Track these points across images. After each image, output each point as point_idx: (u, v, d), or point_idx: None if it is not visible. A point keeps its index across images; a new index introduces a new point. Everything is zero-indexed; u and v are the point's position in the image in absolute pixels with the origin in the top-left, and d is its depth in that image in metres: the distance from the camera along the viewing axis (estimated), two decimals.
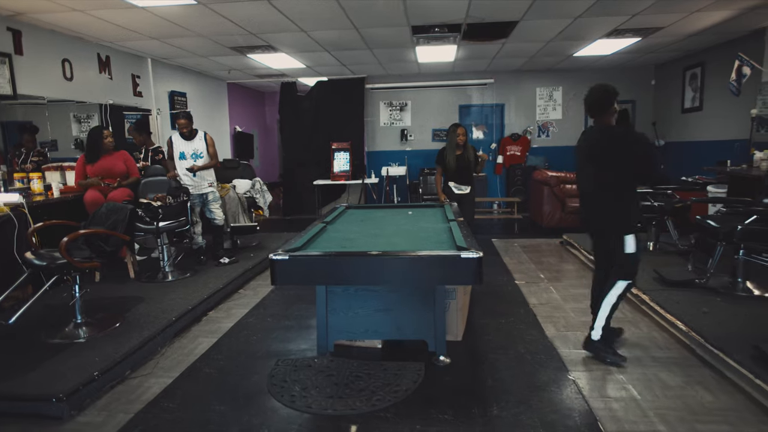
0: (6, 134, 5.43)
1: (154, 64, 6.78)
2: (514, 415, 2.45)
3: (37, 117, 5.30)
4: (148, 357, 3.22)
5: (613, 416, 2.43)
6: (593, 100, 2.93)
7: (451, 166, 5.12)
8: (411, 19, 5.09)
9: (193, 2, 4.24)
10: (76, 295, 3.40)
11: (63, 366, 2.86)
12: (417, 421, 2.42)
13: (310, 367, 3.05)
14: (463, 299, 3.41)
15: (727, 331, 3.12)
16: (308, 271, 2.84)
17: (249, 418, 2.50)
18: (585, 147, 3.08)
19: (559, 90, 8.88)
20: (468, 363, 3.08)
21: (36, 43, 4.84)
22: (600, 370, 2.93)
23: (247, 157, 10.15)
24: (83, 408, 2.61)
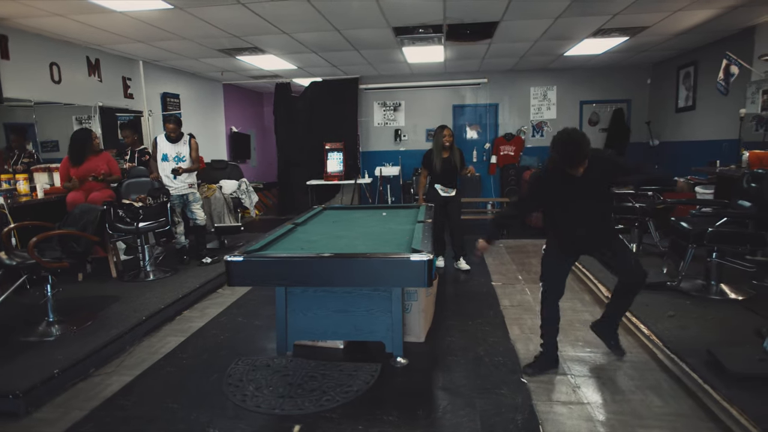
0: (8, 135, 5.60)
1: (145, 67, 6.88)
2: (456, 418, 2.47)
3: (41, 118, 5.45)
4: (115, 355, 3.29)
5: (555, 420, 2.44)
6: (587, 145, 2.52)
7: (438, 168, 5.09)
8: (390, 21, 5.10)
9: (170, 6, 4.30)
10: (48, 294, 3.49)
11: (27, 363, 2.94)
12: (361, 422, 2.45)
13: (268, 367, 3.09)
14: (426, 301, 3.42)
15: (688, 335, 3.10)
16: (263, 273, 2.89)
17: (197, 416, 2.55)
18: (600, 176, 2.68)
19: (554, 89, 8.82)
20: (425, 364, 3.10)
21: (23, 47, 4.95)
22: (553, 373, 2.92)
23: (243, 157, 10.27)
24: (41, 405, 2.68)
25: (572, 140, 2.48)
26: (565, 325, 3.40)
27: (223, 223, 5.84)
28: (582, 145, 2.48)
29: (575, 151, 2.49)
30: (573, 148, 2.48)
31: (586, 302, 4.17)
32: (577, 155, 2.50)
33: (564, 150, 2.51)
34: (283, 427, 2.44)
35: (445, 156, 5.10)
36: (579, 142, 2.48)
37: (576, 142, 2.48)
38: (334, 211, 4.78)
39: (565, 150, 2.51)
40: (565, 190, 2.69)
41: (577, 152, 2.49)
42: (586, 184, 2.65)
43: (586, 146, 2.49)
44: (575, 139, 2.48)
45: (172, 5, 4.29)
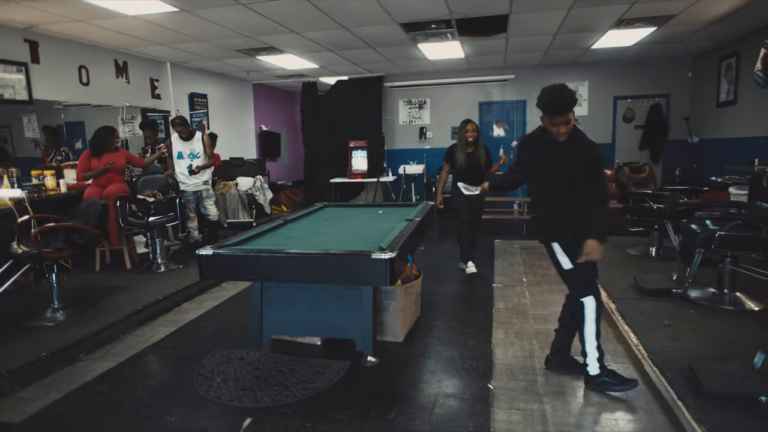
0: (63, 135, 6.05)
1: (173, 68, 7.19)
2: (408, 421, 2.41)
3: (89, 119, 5.86)
4: (107, 342, 3.46)
5: (509, 429, 2.33)
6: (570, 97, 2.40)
7: (461, 165, 4.87)
8: (395, 17, 5.05)
9: (176, 9, 4.47)
10: (53, 282, 3.73)
11: (22, 346, 3.16)
12: (310, 419, 2.45)
13: (242, 360, 3.15)
14: (404, 300, 3.37)
15: (677, 347, 2.87)
16: (230, 267, 2.95)
17: (160, 404, 2.64)
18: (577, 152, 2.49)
19: (585, 84, 8.42)
20: (395, 365, 3.05)
21: (52, 51, 5.31)
22: (526, 380, 2.79)
23: (273, 155, 10.52)
24: (28, 384, 2.87)
25: (557, 88, 2.42)
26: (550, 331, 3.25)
27: (237, 218, 6.00)
28: (567, 92, 2.39)
29: (560, 96, 2.38)
30: (558, 93, 2.39)
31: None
32: (563, 100, 2.37)
33: (549, 96, 2.41)
34: (236, 419, 2.48)
35: (469, 152, 4.87)
36: (564, 89, 2.40)
37: (561, 89, 2.41)
38: (334, 208, 4.80)
39: (550, 96, 2.40)
40: (547, 155, 2.55)
41: (563, 97, 2.37)
42: (568, 154, 2.48)
43: (571, 96, 2.40)
44: (560, 87, 2.42)
45: (177, 8, 4.45)
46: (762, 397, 2.15)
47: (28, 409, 2.61)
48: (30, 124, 6.02)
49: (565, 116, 2.38)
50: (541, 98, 2.42)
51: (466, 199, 4.95)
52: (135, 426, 2.45)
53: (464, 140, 4.88)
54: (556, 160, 2.52)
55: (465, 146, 4.89)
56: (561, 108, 2.37)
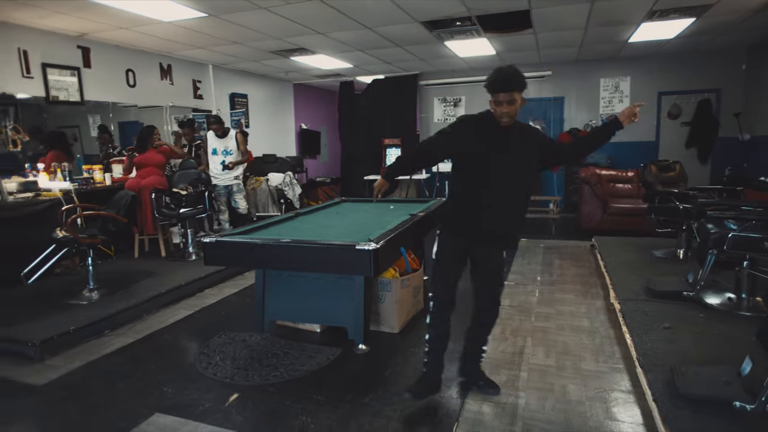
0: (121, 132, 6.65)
1: (215, 70, 7.63)
2: (381, 406, 2.51)
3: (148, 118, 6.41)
4: (130, 321, 3.79)
5: (476, 420, 2.37)
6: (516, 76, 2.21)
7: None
8: (414, 15, 5.11)
9: (204, 15, 4.78)
10: (89, 265, 4.12)
11: (56, 320, 3.53)
12: (290, 398, 2.60)
13: (243, 342, 3.37)
14: (401, 292, 3.44)
15: (671, 350, 2.77)
16: (230, 254, 3.18)
17: (162, 376, 2.89)
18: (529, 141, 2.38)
19: (627, 80, 8.06)
20: (385, 353, 3.15)
21: (102, 56, 5.81)
22: (508, 375, 2.81)
23: (313, 153, 10.84)
24: (57, 353, 3.23)
25: (505, 67, 2.24)
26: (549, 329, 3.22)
27: (266, 212, 6.30)
28: (515, 72, 2.21)
29: (505, 73, 2.20)
30: (504, 71, 2.22)
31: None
32: (507, 77, 2.19)
33: (495, 74, 2.22)
34: (225, 393, 2.68)
35: None
36: (512, 69, 2.23)
37: (508, 68, 2.24)
38: (349, 203, 4.95)
39: (496, 73, 2.22)
40: (487, 142, 2.29)
41: (507, 75, 2.20)
42: (513, 146, 2.29)
43: (517, 76, 2.20)
44: (508, 67, 2.25)
45: (207, 13, 4.76)
46: (736, 402, 2.06)
47: (51, 375, 2.95)
48: (95, 123, 6.63)
49: (509, 95, 2.18)
50: (488, 77, 2.25)
51: None
52: (135, 393, 2.70)
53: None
54: (506, 149, 2.28)
55: None
56: (505, 85, 2.18)
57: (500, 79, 2.20)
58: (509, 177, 2.30)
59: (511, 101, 2.19)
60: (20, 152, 5.03)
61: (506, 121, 2.24)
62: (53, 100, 5.28)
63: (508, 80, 2.19)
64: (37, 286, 4.25)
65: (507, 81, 2.19)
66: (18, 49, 4.94)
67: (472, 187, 2.36)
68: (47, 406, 2.63)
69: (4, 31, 4.81)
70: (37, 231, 4.23)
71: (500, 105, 2.20)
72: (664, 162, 5.14)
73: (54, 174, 5.09)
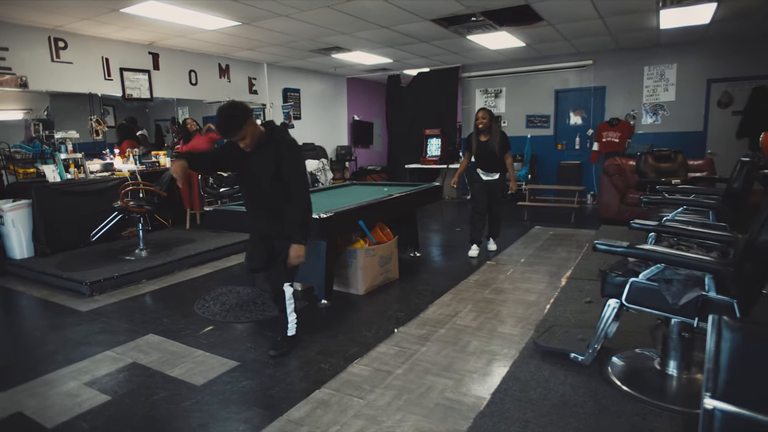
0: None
1: (269, 68, 8.60)
2: (310, 340, 3.12)
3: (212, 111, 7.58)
4: (163, 274, 4.75)
5: (377, 358, 2.89)
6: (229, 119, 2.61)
7: (475, 152, 5.21)
8: (419, 14, 5.53)
9: (238, 23, 5.63)
10: (140, 229, 5.17)
11: (107, 269, 4.57)
12: (247, 331, 3.31)
13: (238, 294, 4.15)
14: (365, 260, 4.00)
15: (576, 318, 3.05)
16: (220, 220, 3.96)
17: (166, 313, 3.75)
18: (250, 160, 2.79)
19: (673, 68, 7.70)
20: (343, 309, 3.73)
21: (169, 60, 6.96)
22: (428, 330, 3.26)
23: (366, 143, 11.57)
24: (103, 291, 4.25)
25: (221, 110, 2.63)
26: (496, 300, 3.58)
27: None
28: (229, 115, 2.59)
29: (221, 120, 2.61)
30: (220, 117, 2.61)
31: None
32: (220, 124, 2.62)
33: (216, 119, 2.65)
34: (204, 325, 3.45)
35: (484, 140, 5.10)
36: (225, 112, 2.61)
37: (223, 111, 2.61)
38: (353, 186, 5.57)
39: (216, 119, 2.64)
40: (240, 159, 2.79)
41: (221, 121, 2.60)
42: (258, 160, 2.74)
43: (230, 119, 2.58)
44: (224, 109, 2.63)
45: (240, 22, 5.60)
46: (572, 354, 2.38)
47: (92, 305, 3.94)
48: (183, 116, 7.89)
49: (232, 138, 2.65)
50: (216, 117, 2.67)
51: (484, 185, 5.25)
52: (143, 321, 3.58)
53: (476, 128, 5.13)
54: (252, 163, 2.76)
55: (478, 134, 5.15)
56: (223, 132, 2.66)
57: (219, 127, 2.66)
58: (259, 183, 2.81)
59: (243, 138, 2.64)
60: (102, 140, 6.29)
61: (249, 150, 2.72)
62: (128, 98, 6.50)
63: (221, 126, 2.63)
64: (105, 245, 5.41)
65: (222, 127, 2.64)
66: (101, 57, 6.17)
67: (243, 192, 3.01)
68: (81, 324, 3.58)
69: (92, 43, 6.05)
70: (107, 202, 5.37)
71: (237, 141, 2.67)
72: (662, 152, 5.06)
73: (127, 158, 6.29)
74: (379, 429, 2.16)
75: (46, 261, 4.92)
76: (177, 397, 2.51)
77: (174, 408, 2.42)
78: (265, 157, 2.72)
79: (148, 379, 2.72)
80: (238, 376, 2.73)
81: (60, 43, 5.72)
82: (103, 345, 3.18)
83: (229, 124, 2.60)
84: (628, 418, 2.02)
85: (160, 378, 2.73)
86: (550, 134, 8.90)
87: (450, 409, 2.29)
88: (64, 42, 5.75)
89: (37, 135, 5.71)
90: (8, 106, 5.68)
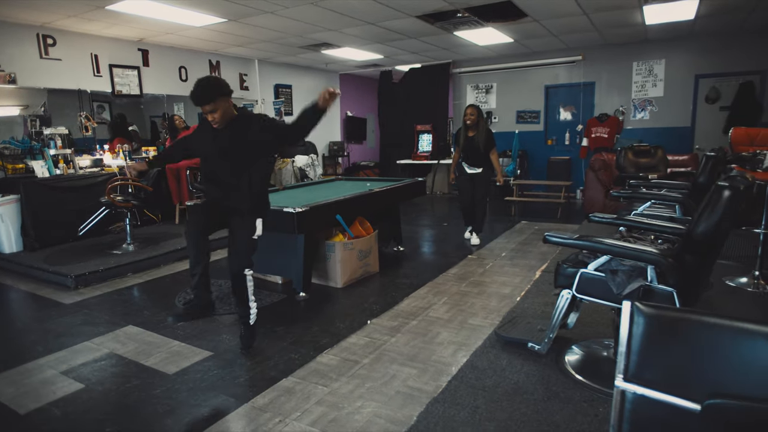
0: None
1: (260, 64, 8.64)
2: (285, 333, 3.19)
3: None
4: (148, 268, 4.83)
5: (347, 348, 2.96)
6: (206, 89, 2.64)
7: (462, 147, 5.36)
8: (403, 11, 5.57)
9: (224, 20, 5.68)
10: (127, 224, 5.25)
11: (94, 262, 4.65)
12: (224, 322, 3.39)
13: (219, 286, 4.21)
14: (343, 253, 4.07)
15: (540, 311, 3.12)
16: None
17: (149, 304, 3.84)
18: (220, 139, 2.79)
19: (662, 63, 7.73)
20: (320, 302, 3.81)
21: (159, 56, 7.02)
22: (400, 322, 3.33)
23: (359, 139, 11.62)
24: (88, 285, 4.33)
25: (199, 81, 2.65)
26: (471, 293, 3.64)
27: None
28: (205, 85, 2.62)
29: (196, 90, 2.61)
30: (197, 87, 2.63)
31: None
32: (196, 93, 2.61)
33: (192, 89, 2.65)
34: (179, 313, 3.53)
35: (471, 135, 5.25)
36: (203, 82, 2.63)
37: (200, 82, 2.64)
38: (340, 181, 5.63)
39: (193, 89, 2.64)
40: (207, 139, 2.81)
41: (196, 90, 2.60)
42: (228, 138, 2.75)
43: (207, 88, 2.61)
44: (202, 80, 2.66)
45: (226, 19, 5.65)
46: (529, 343, 2.45)
47: (76, 298, 4.02)
48: (179, 111, 7.96)
49: (205, 107, 2.63)
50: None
51: (469, 178, 5.36)
52: (123, 313, 3.66)
53: (464, 124, 5.25)
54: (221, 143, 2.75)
55: (466, 130, 5.27)
56: (195, 100, 2.63)
57: (192, 95, 2.64)
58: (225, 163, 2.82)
59: (213, 110, 2.63)
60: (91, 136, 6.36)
61: (218, 126, 2.72)
62: (117, 94, 6.56)
63: (196, 95, 2.62)
64: (94, 240, 5.50)
65: (196, 96, 2.62)
66: (90, 54, 6.23)
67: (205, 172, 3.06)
68: (64, 316, 3.66)
69: (80, 40, 6.11)
70: (96, 198, 5.44)
71: (206, 114, 2.68)
72: (642, 147, 5.11)
73: (117, 154, 6.36)
74: (338, 415, 2.24)
75: (35, 255, 5.01)
76: (149, 386, 2.59)
77: (144, 395, 2.50)
78: (235, 131, 2.74)
79: (123, 368, 2.80)
80: (210, 365, 2.81)
81: (48, 40, 5.78)
82: (82, 336, 3.26)
83: (205, 93, 2.60)
84: (576, 405, 2.09)
85: (135, 367, 2.81)
86: (540, 130, 8.95)
87: (410, 396, 2.36)
88: (53, 39, 5.81)
89: (34, 131, 5.80)
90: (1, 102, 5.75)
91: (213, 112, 2.65)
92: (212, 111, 2.65)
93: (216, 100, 2.62)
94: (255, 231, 2.89)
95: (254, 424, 2.20)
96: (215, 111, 2.65)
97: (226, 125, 2.76)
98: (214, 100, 2.62)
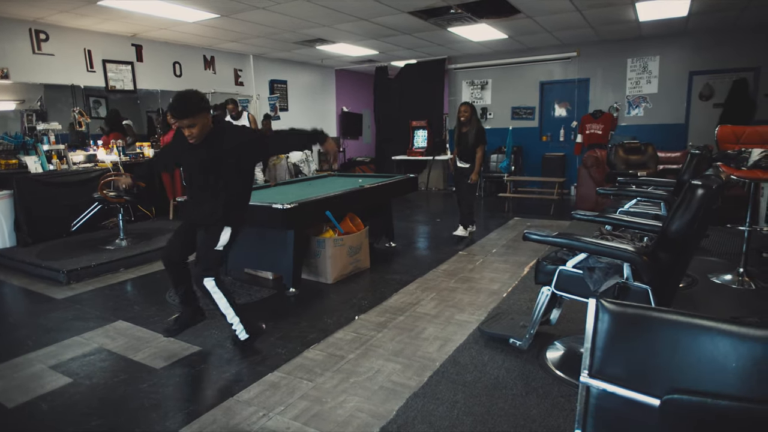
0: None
1: (255, 59, 8.64)
2: (272, 329, 3.22)
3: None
4: (141, 263, 4.85)
5: (334, 343, 3.00)
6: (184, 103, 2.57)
7: (456, 142, 5.51)
8: (396, 7, 5.58)
9: (217, 15, 5.68)
10: (120, 219, 5.27)
11: (86, 258, 4.67)
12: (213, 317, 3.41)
13: None
14: (334, 250, 4.09)
15: (526, 306, 3.15)
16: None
17: (140, 300, 3.87)
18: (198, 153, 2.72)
19: (656, 60, 7.74)
20: (310, 298, 3.84)
21: (153, 52, 7.01)
22: (387, 317, 3.37)
23: (354, 134, 11.63)
24: (80, 280, 4.35)
25: (178, 95, 2.61)
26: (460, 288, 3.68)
27: None
28: (184, 100, 2.56)
29: (175, 103, 2.57)
30: (175, 100, 2.59)
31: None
32: (174, 105, 2.56)
33: (171, 102, 2.64)
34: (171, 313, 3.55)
35: (464, 131, 5.37)
36: (182, 97, 2.58)
37: (179, 96, 2.60)
38: (332, 177, 5.65)
39: (172, 102, 2.64)
40: (187, 152, 2.75)
41: (175, 104, 2.56)
42: (206, 152, 2.67)
43: (185, 103, 2.55)
44: (181, 94, 2.61)
45: (219, 14, 5.65)
46: (511, 339, 2.48)
47: (68, 293, 4.05)
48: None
49: (184, 121, 2.55)
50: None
51: (460, 172, 5.49)
52: (114, 308, 3.69)
53: (459, 120, 5.34)
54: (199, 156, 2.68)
55: (460, 126, 5.35)
56: (174, 113, 2.58)
57: (171, 108, 2.62)
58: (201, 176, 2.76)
59: (191, 125, 2.56)
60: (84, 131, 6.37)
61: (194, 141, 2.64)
62: (111, 89, 6.56)
63: (175, 108, 2.57)
64: (87, 235, 5.52)
65: (174, 110, 2.57)
66: (84, 49, 6.23)
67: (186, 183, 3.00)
68: (55, 311, 3.69)
69: (73, 35, 6.10)
70: (89, 193, 5.45)
71: (184, 129, 2.61)
72: (633, 144, 5.14)
73: (111, 149, 6.37)
74: (321, 409, 2.27)
75: (27, 250, 5.03)
76: (136, 380, 2.62)
77: (131, 390, 2.53)
78: (210, 146, 2.68)
79: (111, 363, 2.83)
80: (198, 360, 2.84)
81: (41, 35, 5.78)
82: (72, 331, 3.29)
83: (185, 107, 2.54)
84: (553, 400, 2.12)
85: (123, 362, 2.84)
86: (535, 126, 8.96)
87: (392, 391, 2.40)
88: (46, 34, 5.81)
89: (29, 126, 5.81)
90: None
91: (191, 127, 2.58)
92: (190, 126, 2.57)
93: (196, 115, 2.56)
94: (218, 241, 2.78)
95: (238, 417, 2.24)
96: (194, 126, 2.58)
97: (203, 140, 2.68)
98: (194, 116, 2.56)
